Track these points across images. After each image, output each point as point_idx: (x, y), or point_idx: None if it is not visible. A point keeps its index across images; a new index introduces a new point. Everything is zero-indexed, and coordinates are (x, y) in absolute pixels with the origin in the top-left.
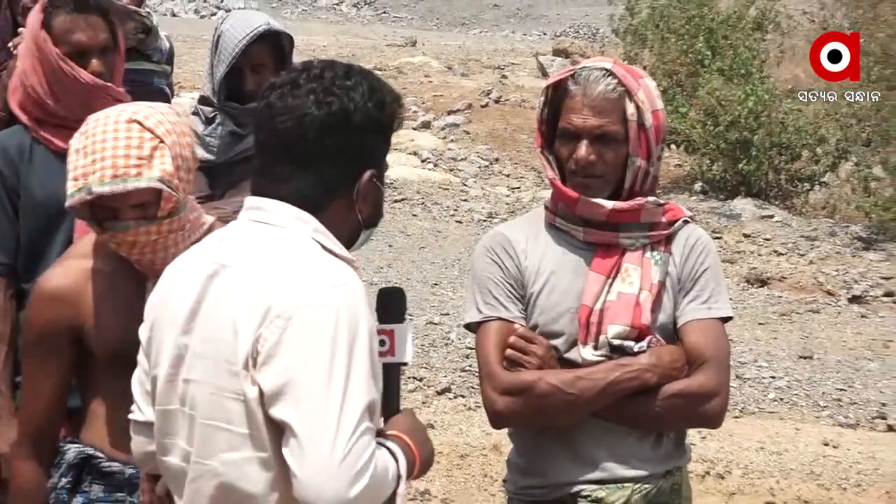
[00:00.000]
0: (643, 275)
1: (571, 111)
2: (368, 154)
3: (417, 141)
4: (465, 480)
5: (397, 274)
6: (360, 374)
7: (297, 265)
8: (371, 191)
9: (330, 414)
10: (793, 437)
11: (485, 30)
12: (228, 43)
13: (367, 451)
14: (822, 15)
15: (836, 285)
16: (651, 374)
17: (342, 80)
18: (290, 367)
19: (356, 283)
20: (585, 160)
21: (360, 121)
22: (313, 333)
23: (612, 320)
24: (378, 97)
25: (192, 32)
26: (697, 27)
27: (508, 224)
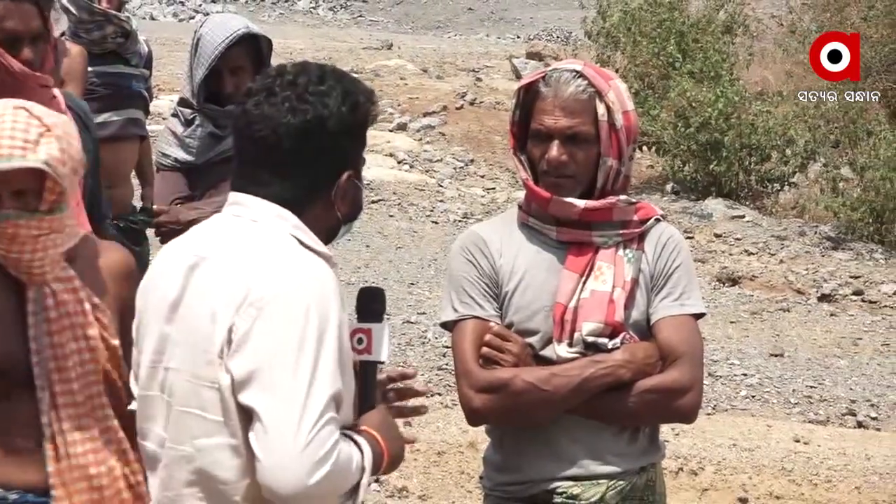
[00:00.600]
0: (616, 272)
1: (543, 112)
2: (345, 156)
3: (393, 142)
4: (443, 477)
5: (374, 274)
6: (328, 365)
7: (273, 258)
8: (350, 189)
9: (295, 402)
10: (764, 433)
11: (459, 33)
12: (207, 46)
13: (329, 439)
14: (791, 18)
15: (805, 284)
16: (625, 370)
17: (316, 86)
18: (259, 354)
19: (330, 277)
20: (557, 160)
21: (335, 126)
22: (283, 323)
23: (585, 317)
24: (352, 100)
25: (170, 36)
26: (668, 30)
27: (483, 224)
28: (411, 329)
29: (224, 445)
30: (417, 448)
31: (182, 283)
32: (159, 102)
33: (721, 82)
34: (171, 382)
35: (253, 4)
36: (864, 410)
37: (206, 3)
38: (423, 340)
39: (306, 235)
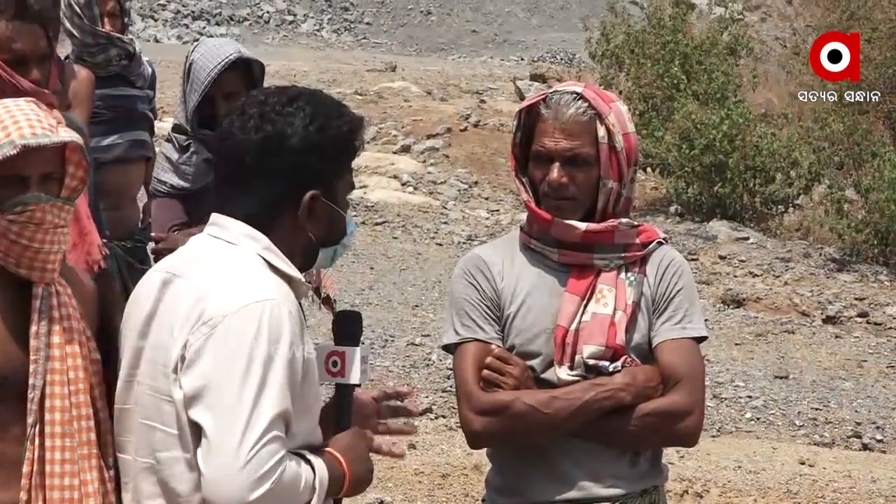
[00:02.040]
0: (618, 296)
1: (543, 134)
2: (310, 175)
3: (397, 164)
4: (447, 500)
5: (378, 296)
6: (275, 385)
7: (233, 278)
8: (320, 210)
9: (238, 420)
10: (770, 456)
11: (463, 55)
12: (200, 72)
13: (272, 458)
14: (794, 40)
15: (810, 306)
16: (625, 392)
17: (284, 106)
18: (208, 372)
19: (287, 299)
20: (557, 182)
21: (296, 144)
22: (233, 342)
23: (586, 340)
24: (321, 122)
25: (175, 58)
26: (672, 52)
27: (485, 246)
28: (415, 351)
29: (180, 458)
30: (422, 471)
31: (155, 299)
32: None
33: (726, 104)
34: (138, 395)
35: (257, 27)
36: (870, 433)
37: (209, 25)
38: (428, 363)
39: (276, 257)
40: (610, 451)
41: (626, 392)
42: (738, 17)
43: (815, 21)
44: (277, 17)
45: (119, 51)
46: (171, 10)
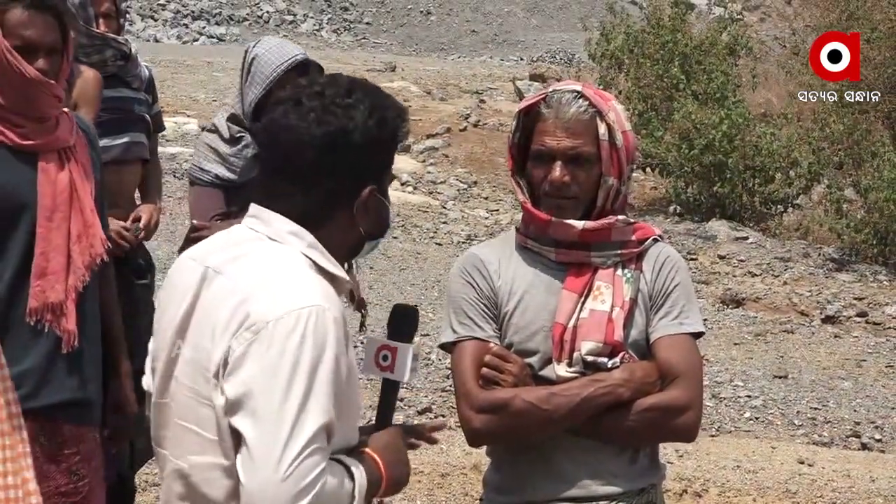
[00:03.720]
0: (615, 292)
1: (544, 133)
2: (368, 170)
3: (397, 164)
4: (447, 500)
5: (378, 295)
6: (320, 394)
7: (278, 281)
8: (373, 204)
9: (281, 430)
10: (769, 455)
11: (463, 55)
12: (265, 67)
13: (314, 470)
14: (794, 40)
15: (809, 306)
16: (624, 388)
17: (343, 98)
18: (251, 379)
19: (334, 305)
20: (560, 181)
21: (359, 139)
22: (278, 349)
23: (584, 337)
24: (379, 115)
25: (174, 58)
26: (671, 52)
27: (481, 245)
28: None
29: (216, 465)
30: (421, 470)
31: (193, 296)
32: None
33: (725, 104)
34: (174, 393)
35: (257, 27)
36: (869, 432)
37: (209, 25)
38: (427, 362)
39: (321, 255)
40: (608, 449)
41: (625, 388)
42: (738, 17)
43: (815, 21)
44: (277, 16)
45: (114, 51)
46: (170, 9)
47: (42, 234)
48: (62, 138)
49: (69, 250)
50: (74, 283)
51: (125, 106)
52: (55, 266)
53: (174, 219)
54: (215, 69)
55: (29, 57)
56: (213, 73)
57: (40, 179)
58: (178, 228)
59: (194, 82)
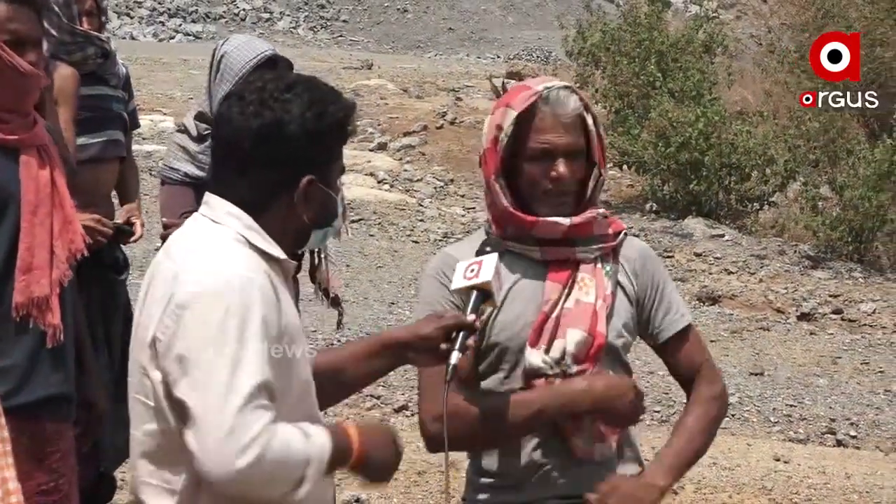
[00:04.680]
0: (597, 285)
1: (543, 131)
2: (306, 161)
3: (374, 162)
4: (423, 497)
5: (354, 293)
6: (251, 356)
7: (205, 256)
8: (314, 194)
9: (217, 391)
10: (745, 452)
11: (439, 53)
12: (234, 64)
13: (257, 424)
14: (769, 38)
15: (785, 303)
16: (584, 399)
17: (281, 93)
18: (185, 351)
19: (259, 275)
20: (567, 177)
21: (294, 131)
22: (203, 321)
23: (570, 325)
24: (318, 109)
25: (150, 55)
26: (648, 50)
27: (455, 246)
28: None
29: (161, 431)
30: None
31: (148, 278)
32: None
33: (701, 102)
34: (131, 369)
35: (233, 24)
36: (844, 429)
37: (185, 23)
38: None
39: (257, 235)
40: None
41: (585, 399)
42: (714, 15)
43: (790, 19)
44: (254, 14)
45: (96, 49)
46: (146, 7)
47: (27, 228)
48: (40, 135)
49: (52, 245)
50: (58, 278)
51: (103, 104)
52: (40, 261)
53: (150, 217)
54: (191, 67)
55: (17, 51)
56: (189, 70)
57: (23, 174)
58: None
59: (170, 80)
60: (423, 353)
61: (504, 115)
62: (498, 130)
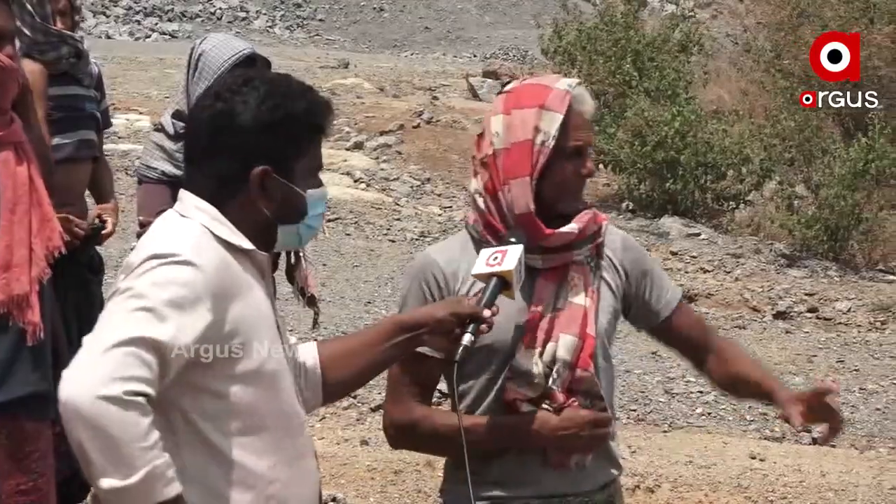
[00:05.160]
0: (585, 282)
1: (578, 128)
2: (258, 152)
3: (350, 161)
4: (400, 496)
5: (331, 292)
6: (154, 318)
7: (157, 239)
8: (272, 187)
9: (103, 328)
10: (721, 450)
11: (416, 52)
12: (212, 63)
13: (131, 369)
14: (745, 37)
15: (761, 301)
16: (536, 435)
17: (239, 86)
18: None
19: (208, 264)
20: (593, 172)
21: (245, 122)
22: (127, 286)
23: (562, 329)
24: (274, 101)
25: (127, 55)
26: (624, 49)
27: (440, 249)
28: None
29: None
30: (374, 467)
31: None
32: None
33: (677, 101)
34: None
35: (209, 23)
36: (820, 427)
37: (162, 22)
38: None
39: (222, 227)
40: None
41: (537, 435)
42: (690, 14)
43: (766, 18)
44: (230, 13)
45: (69, 49)
46: (122, 6)
47: (5, 226)
48: (17, 132)
49: (31, 243)
50: (37, 275)
51: (77, 104)
52: (19, 259)
53: (126, 216)
54: (167, 66)
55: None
56: (165, 69)
57: (1, 172)
58: (129, 226)
59: (147, 79)
60: (436, 335)
61: (541, 117)
62: (536, 132)
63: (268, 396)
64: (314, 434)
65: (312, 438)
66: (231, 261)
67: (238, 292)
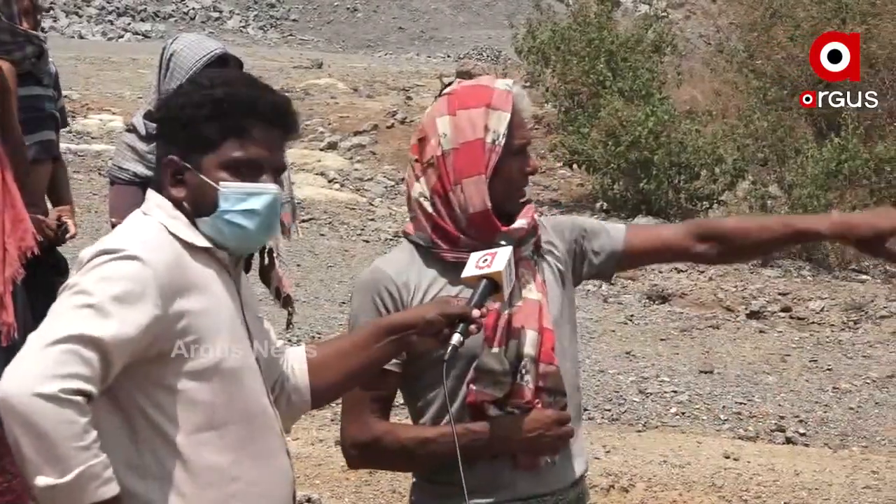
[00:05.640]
0: (534, 277)
1: (521, 127)
2: (172, 141)
3: (324, 161)
4: (374, 497)
5: (305, 293)
6: (97, 315)
7: (109, 236)
8: (188, 178)
9: (46, 326)
10: (695, 450)
11: (390, 52)
12: (184, 62)
13: (69, 366)
14: (718, 38)
15: (735, 301)
16: (501, 442)
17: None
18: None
19: (158, 260)
20: (537, 168)
21: (169, 111)
22: (74, 281)
23: (522, 323)
24: (185, 90)
25: (99, 55)
26: (598, 49)
27: (387, 259)
28: None
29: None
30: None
31: None
32: (88, 122)
33: (651, 101)
34: None
35: (182, 23)
36: (793, 426)
37: (135, 21)
38: None
39: (177, 223)
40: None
41: (502, 442)
42: (663, 14)
43: (739, 19)
44: (203, 13)
45: (34, 48)
46: (95, 6)
47: None
48: None
49: (4, 243)
50: (11, 276)
51: (38, 104)
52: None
53: (99, 216)
54: (140, 66)
55: None
56: (138, 69)
57: None
58: (102, 227)
59: (119, 79)
60: (425, 336)
61: (489, 116)
62: (486, 131)
63: (228, 394)
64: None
65: (285, 438)
66: (187, 259)
67: (192, 290)
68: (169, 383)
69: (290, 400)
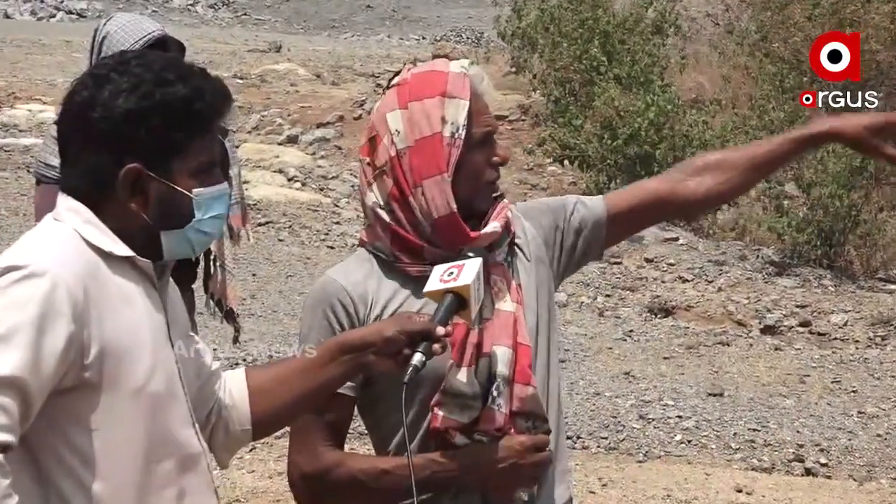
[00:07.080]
0: (508, 284)
1: (481, 113)
2: (127, 146)
3: (283, 157)
4: None
5: (262, 306)
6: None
7: (15, 248)
8: (150, 188)
9: None
10: (703, 483)
11: (357, 33)
12: (118, 46)
13: None
14: (727, 17)
15: (747, 315)
16: (467, 473)
17: (110, 70)
18: None
19: (71, 274)
20: (508, 156)
21: (106, 112)
22: None
23: (494, 340)
24: (147, 88)
25: (28, 36)
26: (591, 30)
27: (342, 270)
28: None
29: None
30: None
31: None
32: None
33: (651, 88)
34: None
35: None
36: (813, 456)
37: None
38: None
39: (95, 230)
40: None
41: (474, 476)
42: None
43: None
44: None
45: None
46: None
47: None
48: None
49: None
50: None
51: None
52: None
53: (27, 220)
54: (75, 49)
55: None
56: (72, 53)
57: None
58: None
59: (51, 64)
60: (384, 355)
61: (445, 105)
62: (443, 123)
63: (148, 424)
64: (243, 467)
65: (212, 475)
66: (103, 270)
67: (108, 305)
68: (85, 417)
69: (228, 430)
